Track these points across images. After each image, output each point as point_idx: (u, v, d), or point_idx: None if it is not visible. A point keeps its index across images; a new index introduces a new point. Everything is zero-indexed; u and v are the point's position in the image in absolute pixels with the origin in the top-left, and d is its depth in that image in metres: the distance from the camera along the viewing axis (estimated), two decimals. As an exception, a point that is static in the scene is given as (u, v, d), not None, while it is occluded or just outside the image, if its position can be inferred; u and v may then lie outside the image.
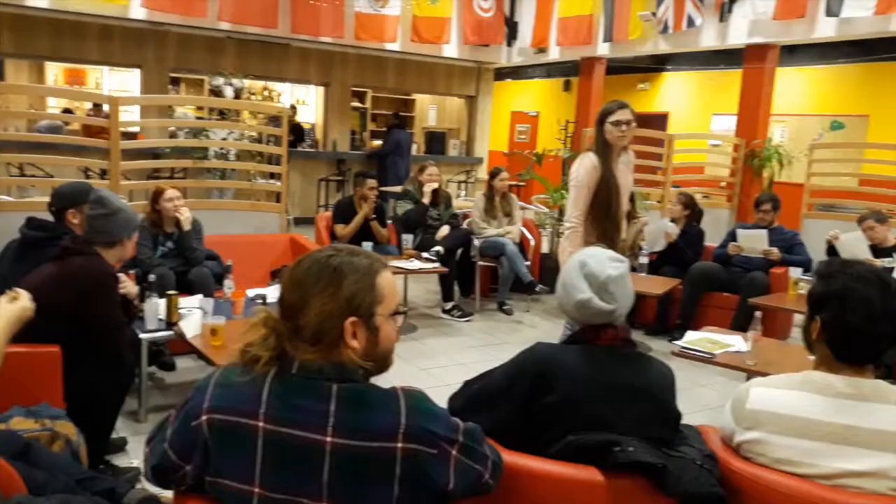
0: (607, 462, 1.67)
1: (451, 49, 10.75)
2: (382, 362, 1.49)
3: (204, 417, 1.39)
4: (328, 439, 1.34)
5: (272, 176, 7.08)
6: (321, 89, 11.80)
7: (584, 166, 3.52)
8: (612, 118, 3.46)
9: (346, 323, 1.40)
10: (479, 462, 1.48)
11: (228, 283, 4.33)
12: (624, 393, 1.81)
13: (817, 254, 5.39)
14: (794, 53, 10.46)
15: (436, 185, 6.28)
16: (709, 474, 1.74)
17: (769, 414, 1.76)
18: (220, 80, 7.98)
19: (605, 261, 1.95)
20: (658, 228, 5.87)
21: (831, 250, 5.27)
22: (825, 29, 7.48)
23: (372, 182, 5.93)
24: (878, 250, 5.25)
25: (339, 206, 6.24)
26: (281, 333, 1.43)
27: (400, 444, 1.35)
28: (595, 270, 1.92)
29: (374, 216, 5.93)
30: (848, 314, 1.72)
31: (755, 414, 1.78)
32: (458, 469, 1.43)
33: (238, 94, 8.09)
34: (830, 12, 7.27)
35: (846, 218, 7.08)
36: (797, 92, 11.13)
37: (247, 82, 8.46)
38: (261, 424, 1.37)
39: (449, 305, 6.10)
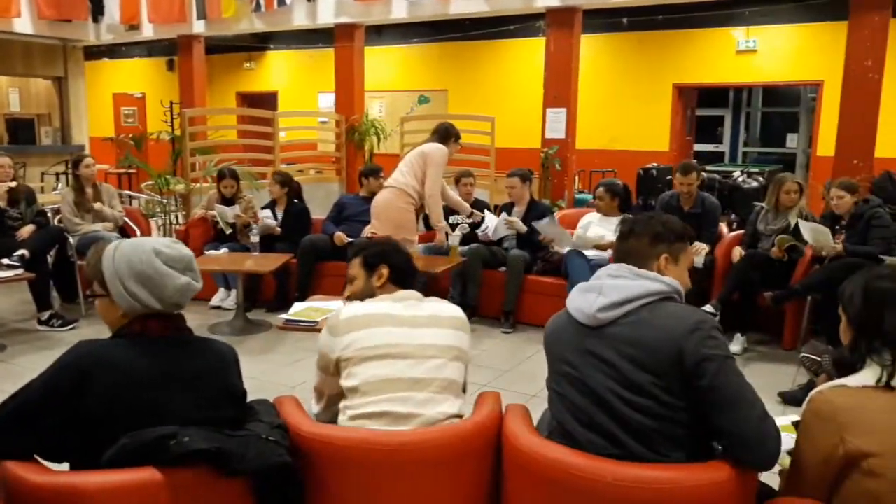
0: (166, 458, 1.62)
1: (24, 24, 9.43)
2: None
3: None
4: None
5: None
6: None
7: None
8: None
9: None
10: None
11: None
12: (179, 381, 1.76)
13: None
14: (383, 34, 11.35)
15: (13, 185, 5.48)
16: (276, 445, 1.81)
17: (359, 316, 2.14)
18: None
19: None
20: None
21: None
22: (399, 10, 8.20)
23: None
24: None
25: None
26: None
27: None
28: (175, 256, 1.84)
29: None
30: None
31: (349, 321, 2.13)
32: None
33: None
34: (402, -6, 8.01)
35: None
36: (389, 69, 12.11)
37: None
38: None
39: (46, 315, 5.42)
